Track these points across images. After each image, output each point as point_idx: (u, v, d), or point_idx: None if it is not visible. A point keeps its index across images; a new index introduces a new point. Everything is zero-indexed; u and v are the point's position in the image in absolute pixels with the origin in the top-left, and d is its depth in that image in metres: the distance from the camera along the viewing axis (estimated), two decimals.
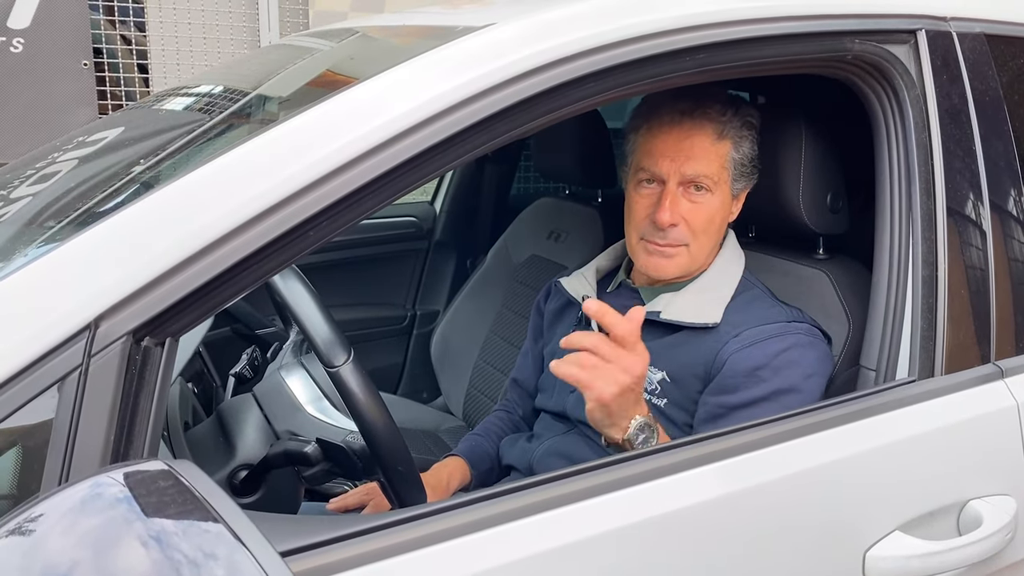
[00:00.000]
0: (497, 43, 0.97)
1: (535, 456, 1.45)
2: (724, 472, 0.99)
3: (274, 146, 0.85)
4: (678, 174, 1.30)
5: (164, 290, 0.76)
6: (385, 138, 0.85)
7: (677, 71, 1.06)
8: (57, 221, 0.89)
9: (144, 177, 0.95)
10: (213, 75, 1.55)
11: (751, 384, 1.23)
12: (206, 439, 1.32)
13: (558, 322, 1.56)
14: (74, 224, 0.84)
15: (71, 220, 0.86)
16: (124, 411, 0.73)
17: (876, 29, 1.18)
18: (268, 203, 0.80)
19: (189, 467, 0.60)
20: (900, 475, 1.08)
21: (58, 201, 0.99)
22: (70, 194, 0.99)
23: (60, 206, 0.95)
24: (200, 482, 0.58)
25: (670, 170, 1.30)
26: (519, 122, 0.96)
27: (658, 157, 1.31)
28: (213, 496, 0.56)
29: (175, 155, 1.02)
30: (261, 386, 1.56)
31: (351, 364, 1.06)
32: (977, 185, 1.23)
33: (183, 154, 1.02)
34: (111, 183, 0.95)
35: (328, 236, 0.85)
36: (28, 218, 0.99)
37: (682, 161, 1.30)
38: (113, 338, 0.74)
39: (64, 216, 0.89)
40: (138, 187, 0.90)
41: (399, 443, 1.09)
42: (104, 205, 0.87)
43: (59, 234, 0.84)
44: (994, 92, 1.27)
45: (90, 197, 0.92)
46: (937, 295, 1.17)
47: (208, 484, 0.58)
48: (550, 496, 0.90)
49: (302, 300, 1.10)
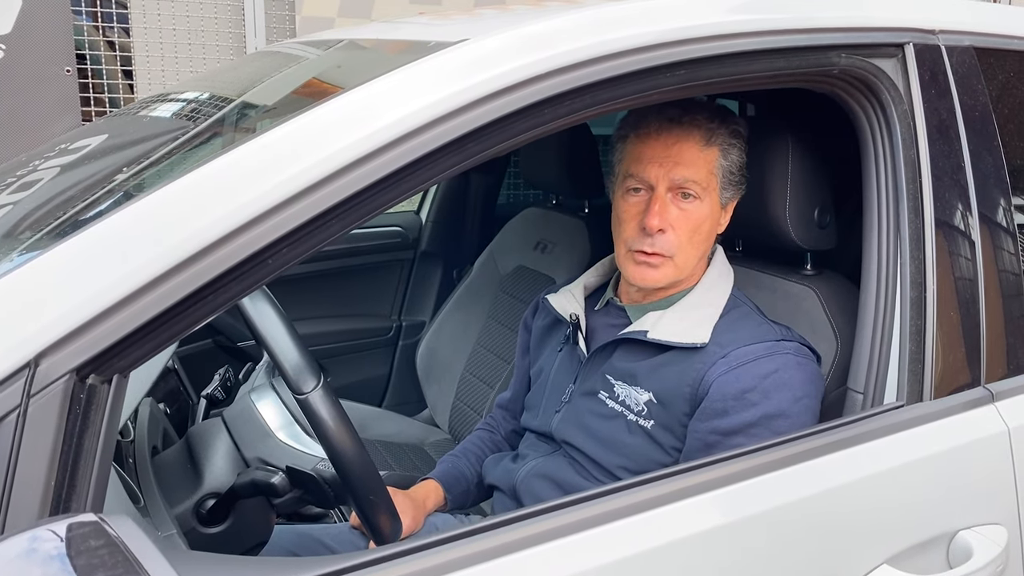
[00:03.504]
0: (471, 59, 0.93)
1: (519, 476, 1.42)
2: (709, 505, 0.96)
3: (226, 172, 0.81)
4: (667, 179, 1.28)
5: (111, 325, 0.72)
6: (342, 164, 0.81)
7: (660, 87, 1.03)
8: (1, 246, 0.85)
9: (98, 198, 0.91)
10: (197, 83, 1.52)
11: (741, 408, 1.20)
12: (174, 465, 1.28)
13: (546, 340, 1.54)
14: (18, 250, 0.80)
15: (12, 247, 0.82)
16: (67, 454, 0.69)
17: (863, 43, 1.15)
18: (221, 231, 0.77)
19: (122, 521, 0.56)
20: (888, 505, 1.05)
21: (8, 221, 0.95)
22: (21, 214, 0.95)
23: (8, 228, 0.91)
24: (132, 538, 0.54)
25: (659, 175, 1.28)
26: (496, 140, 0.93)
27: (647, 163, 1.29)
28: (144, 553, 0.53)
29: (137, 173, 0.98)
30: (231, 410, 1.53)
31: (320, 390, 1.02)
32: (966, 202, 1.20)
33: (144, 175, 0.98)
34: (65, 204, 0.92)
35: (288, 263, 0.81)
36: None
37: (670, 166, 1.28)
38: (55, 376, 0.70)
39: (10, 240, 0.85)
40: (88, 210, 0.86)
41: (371, 471, 1.05)
42: (51, 230, 0.83)
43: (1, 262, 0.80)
44: (983, 106, 1.24)
45: (41, 220, 0.88)
46: (926, 316, 1.14)
47: (140, 539, 0.54)
48: (533, 532, 0.88)
49: (269, 322, 1.05)
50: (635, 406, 1.30)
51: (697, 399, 1.24)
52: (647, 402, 1.29)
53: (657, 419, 1.28)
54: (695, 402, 1.24)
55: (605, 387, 1.34)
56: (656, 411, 1.28)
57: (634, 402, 1.30)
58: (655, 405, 1.28)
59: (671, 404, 1.27)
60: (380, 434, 2.10)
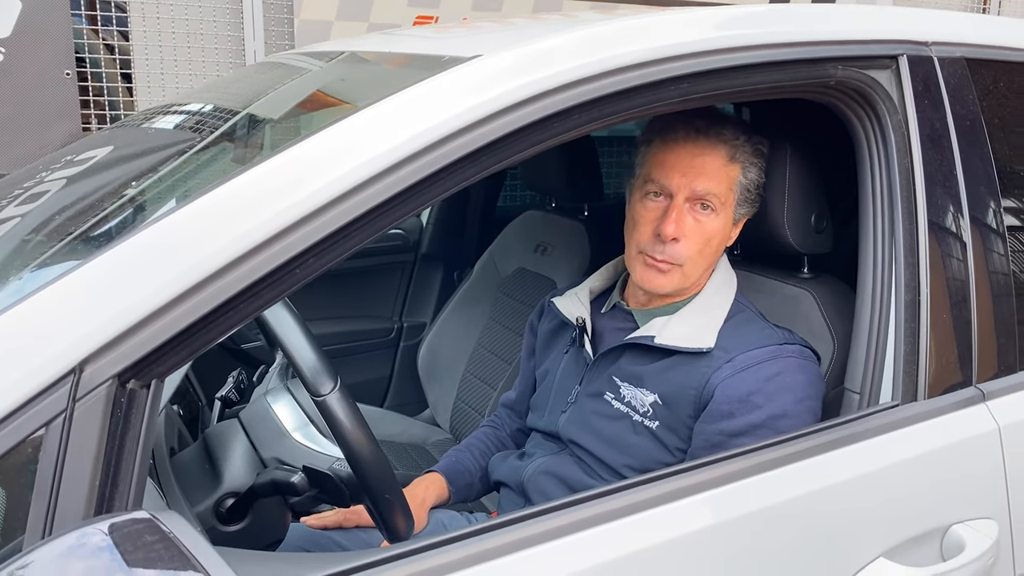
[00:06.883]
0: (486, 75, 0.97)
1: (526, 473, 1.45)
2: (711, 502, 0.99)
3: (258, 184, 0.84)
4: (688, 189, 1.30)
5: (150, 332, 0.76)
6: (366, 176, 0.85)
7: (662, 100, 1.06)
8: (36, 257, 0.89)
9: (129, 211, 0.94)
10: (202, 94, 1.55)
11: (746, 410, 1.23)
12: (192, 466, 1.30)
13: (552, 343, 1.56)
14: (56, 262, 0.84)
15: (53, 256, 0.85)
16: (110, 455, 0.72)
17: (858, 55, 1.19)
18: (252, 242, 0.80)
19: (174, 517, 0.60)
20: (884, 501, 1.08)
21: (39, 232, 0.98)
22: (52, 224, 0.98)
23: (40, 239, 0.94)
24: (185, 534, 0.57)
25: (680, 184, 1.31)
26: (510, 152, 0.96)
27: (670, 170, 1.31)
28: (198, 548, 0.56)
29: (161, 185, 1.02)
30: (247, 411, 1.55)
31: (338, 392, 1.06)
32: (958, 208, 1.24)
33: (168, 184, 1.01)
34: (95, 217, 0.95)
35: (314, 272, 0.85)
36: (9, 251, 0.98)
37: (693, 177, 1.30)
38: (98, 382, 0.73)
39: (46, 252, 0.88)
40: (122, 223, 0.89)
41: (386, 471, 1.08)
42: (87, 242, 0.86)
43: (40, 272, 0.84)
44: (975, 116, 1.28)
45: (73, 231, 0.91)
46: (920, 319, 1.17)
47: (192, 535, 0.58)
48: (541, 530, 0.91)
49: (288, 327, 1.09)
50: (641, 407, 1.32)
51: (702, 402, 1.27)
52: (652, 403, 1.31)
53: (662, 420, 1.30)
54: (700, 405, 1.27)
55: (611, 389, 1.37)
56: (661, 412, 1.30)
57: (640, 403, 1.32)
58: (660, 407, 1.31)
59: (676, 406, 1.29)
60: (382, 434, 2.13)
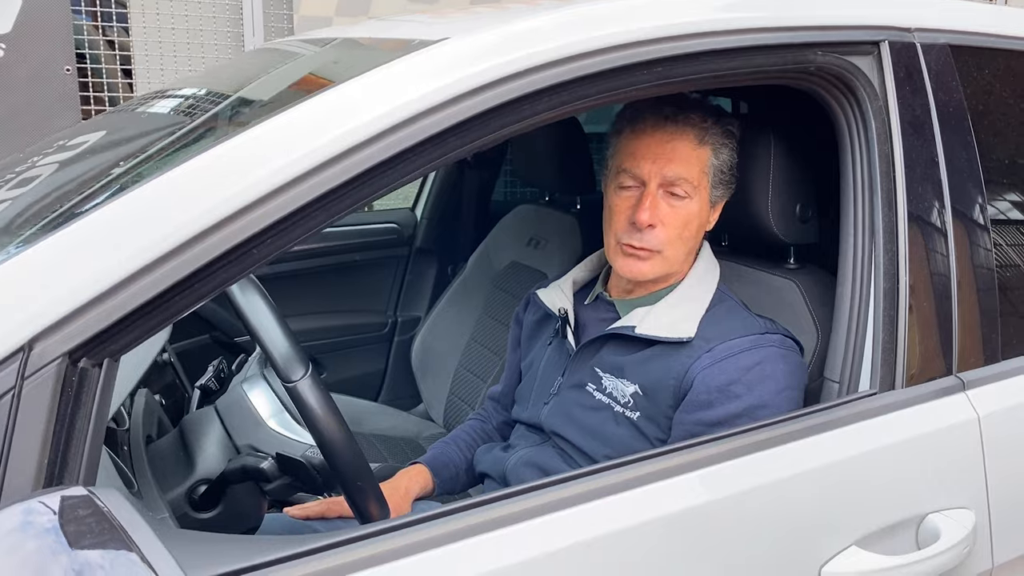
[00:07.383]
0: (451, 57, 0.96)
1: (508, 465, 1.45)
2: (685, 486, 0.98)
3: (217, 163, 0.84)
4: (659, 176, 1.31)
5: (102, 310, 0.75)
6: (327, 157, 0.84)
7: (636, 84, 1.05)
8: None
9: (93, 192, 0.94)
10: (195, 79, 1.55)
11: (725, 400, 1.23)
12: (167, 453, 1.31)
13: (536, 334, 1.57)
14: (12, 241, 0.84)
15: (11, 236, 0.85)
16: (59, 433, 0.72)
17: (839, 41, 1.17)
18: (206, 224, 0.80)
19: (111, 494, 0.59)
20: (858, 489, 1.07)
21: (6, 215, 0.98)
22: (19, 208, 0.98)
23: (6, 222, 0.94)
24: (120, 510, 0.57)
25: (651, 172, 1.31)
26: (477, 135, 0.95)
27: (640, 159, 1.32)
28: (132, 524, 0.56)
29: (132, 167, 1.01)
30: (223, 399, 1.55)
31: (308, 379, 1.05)
32: (940, 196, 1.22)
33: (136, 167, 1.01)
34: (61, 198, 0.95)
35: (274, 252, 0.84)
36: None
37: (663, 163, 1.30)
38: (48, 360, 0.73)
39: (7, 233, 0.88)
40: (82, 203, 0.89)
41: (358, 458, 1.08)
42: (45, 222, 0.86)
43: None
44: (958, 103, 1.26)
45: (37, 214, 0.92)
46: (899, 307, 1.16)
47: (128, 511, 0.57)
48: (516, 510, 0.90)
49: (258, 312, 1.08)
50: (621, 398, 1.32)
51: (681, 392, 1.26)
52: (633, 394, 1.31)
53: (643, 411, 1.30)
54: (680, 395, 1.27)
55: (593, 379, 1.37)
56: (642, 403, 1.30)
57: (620, 394, 1.32)
58: (641, 397, 1.30)
59: (656, 396, 1.29)
60: (376, 428, 2.13)
